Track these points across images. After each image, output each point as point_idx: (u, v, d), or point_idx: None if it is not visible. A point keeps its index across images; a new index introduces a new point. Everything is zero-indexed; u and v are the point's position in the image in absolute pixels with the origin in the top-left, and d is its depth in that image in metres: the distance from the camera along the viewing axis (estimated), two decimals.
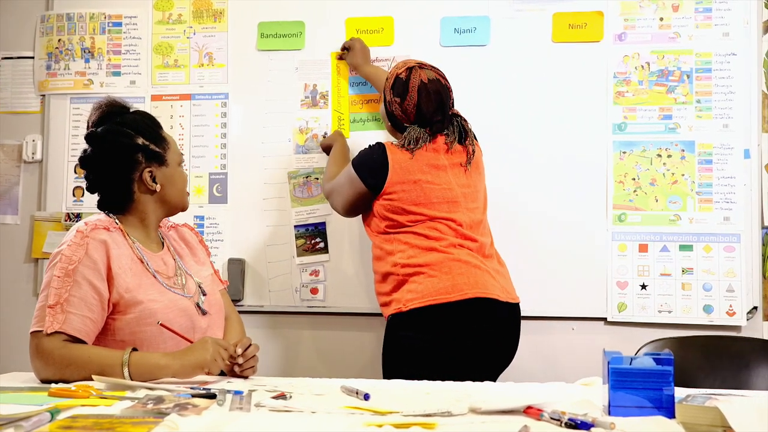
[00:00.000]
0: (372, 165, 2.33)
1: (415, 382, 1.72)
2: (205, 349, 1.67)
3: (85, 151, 1.90)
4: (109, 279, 1.74)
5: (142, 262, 1.82)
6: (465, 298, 2.17)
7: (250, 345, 1.77)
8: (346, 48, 2.83)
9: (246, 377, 1.75)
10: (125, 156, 1.85)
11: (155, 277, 1.82)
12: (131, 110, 1.96)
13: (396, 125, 2.41)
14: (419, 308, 2.18)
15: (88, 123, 1.95)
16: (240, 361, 1.72)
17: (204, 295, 1.90)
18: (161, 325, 1.70)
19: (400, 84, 2.36)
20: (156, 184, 1.86)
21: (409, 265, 2.24)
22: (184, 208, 1.96)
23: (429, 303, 2.18)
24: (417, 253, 2.25)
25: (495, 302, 2.22)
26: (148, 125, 1.91)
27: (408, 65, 2.38)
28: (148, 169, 1.86)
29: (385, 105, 2.41)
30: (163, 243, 1.95)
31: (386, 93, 2.39)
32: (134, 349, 1.67)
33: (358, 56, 2.80)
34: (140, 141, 1.86)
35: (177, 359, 1.65)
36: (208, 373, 1.68)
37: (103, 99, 1.95)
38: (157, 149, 1.88)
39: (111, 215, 1.87)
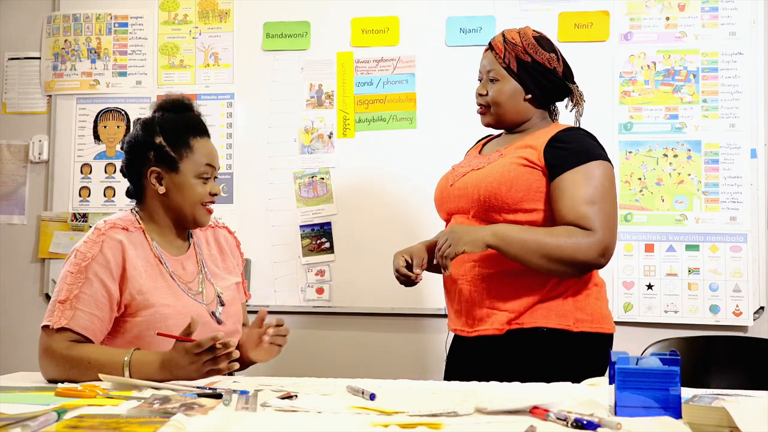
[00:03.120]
0: (599, 142, 1.97)
1: (421, 381, 1.72)
2: (185, 369, 1.60)
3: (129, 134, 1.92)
4: (123, 280, 1.73)
5: (161, 262, 1.81)
6: None
7: (281, 325, 1.83)
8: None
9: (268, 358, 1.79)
10: (139, 150, 1.84)
11: (173, 279, 1.81)
12: (186, 110, 1.89)
13: (553, 90, 2.01)
14: (608, 334, 1.93)
15: None
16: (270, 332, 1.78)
17: (222, 305, 1.88)
18: (159, 334, 1.68)
19: (544, 40, 2.00)
20: (161, 186, 1.83)
21: (589, 278, 1.94)
22: (196, 223, 1.87)
23: (612, 330, 1.95)
24: None
25: None
26: (177, 128, 1.85)
27: (519, 28, 2.02)
28: (155, 170, 1.83)
29: (533, 67, 1.97)
30: (189, 245, 1.91)
31: (535, 54, 1.96)
32: (137, 349, 1.67)
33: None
34: (158, 140, 1.83)
35: (171, 372, 1.61)
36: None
37: (174, 94, 1.93)
38: (172, 153, 1.82)
39: (135, 213, 1.87)
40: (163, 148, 1.83)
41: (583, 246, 1.79)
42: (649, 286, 2.71)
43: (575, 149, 1.88)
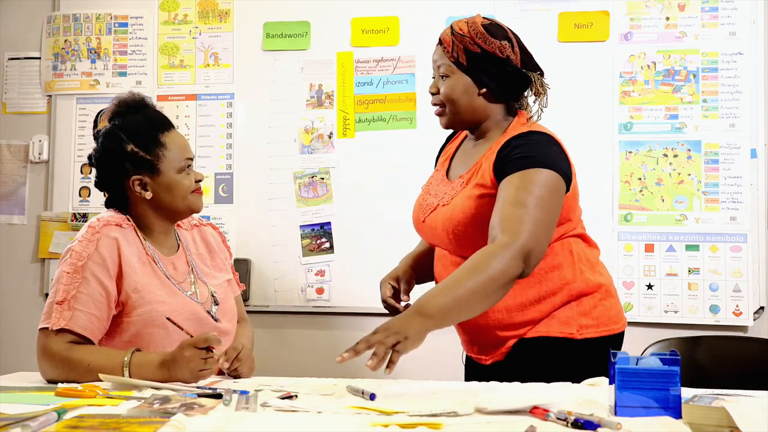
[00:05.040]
0: (559, 149, 1.78)
1: (421, 381, 1.72)
2: (184, 367, 1.60)
3: (93, 149, 1.87)
4: (119, 277, 1.72)
5: (154, 261, 1.80)
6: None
7: (240, 350, 1.75)
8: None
9: (237, 377, 1.74)
10: (114, 163, 1.79)
11: (167, 278, 1.80)
12: (144, 107, 1.87)
13: (509, 82, 1.81)
14: (616, 334, 1.84)
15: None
16: (225, 366, 1.71)
17: (216, 304, 1.87)
18: (168, 319, 1.69)
19: (495, 27, 1.82)
20: (146, 192, 1.79)
21: (592, 279, 1.83)
22: (190, 212, 1.87)
23: (621, 329, 1.85)
24: (595, 261, 1.88)
25: None
26: (145, 129, 1.80)
27: (468, 17, 1.88)
28: (137, 178, 1.78)
29: (484, 59, 1.79)
30: (178, 246, 1.90)
31: (484, 44, 1.79)
32: (137, 350, 1.67)
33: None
34: (129, 148, 1.78)
35: (169, 371, 1.61)
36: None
37: (124, 94, 1.88)
38: (148, 157, 1.78)
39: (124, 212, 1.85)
40: (137, 154, 1.78)
41: (502, 258, 1.59)
42: (649, 286, 2.71)
43: (519, 156, 1.72)
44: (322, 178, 2.89)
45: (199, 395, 1.43)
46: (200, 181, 1.86)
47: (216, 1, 3.01)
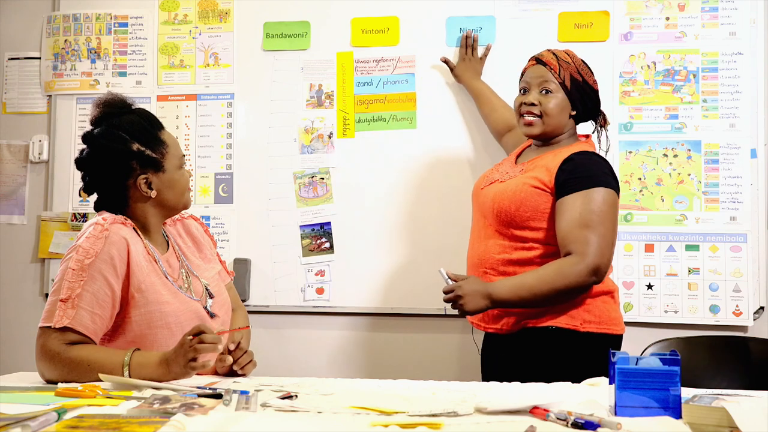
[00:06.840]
0: (611, 171, 2.12)
1: (421, 381, 1.72)
2: (180, 357, 1.60)
3: (81, 151, 1.85)
4: (126, 277, 1.71)
5: (155, 261, 1.80)
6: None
7: (240, 347, 1.76)
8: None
9: (245, 375, 1.75)
10: (119, 163, 1.79)
11: (166, 278, 1.80)
12: (132, 107, 1.87)
13: (591, 110, 2.23)
14: (615, 335, 2.09)
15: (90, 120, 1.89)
16: (235, 368, 1.73)
17: (211, 297, 1.87)
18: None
19: (587, 64, 2.24)
20: (151, 190, 1.80)
21: (597, 288, 2.08)
22: (185, 208, 1.90)
23: (620, 332, 2.10)
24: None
25: None
26: (146, 128, 1.82)
27: (562, 50, 2.27)
28: (143, 176, 1.79)
29: (583, 88, 2.18)
30: (168, 244, 1.91)
31: (586, 75, 2.20)
32: (137, 349, 1.67)
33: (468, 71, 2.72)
34: (135, 147, 1.79)
35: (168, 367, 1.61)
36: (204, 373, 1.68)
37: (104, 96, 1.87)
38: (154, 155, 1.80)
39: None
40: (144, 152, 1.79)
41: (572, 276, 1.95)
42: (649, 286, 2.71)
43: (581, 174, 2.02)
44: (322, 178, 2.89)
45: (199, 395, 1.43)
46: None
47: (216, 1, 3.01)
